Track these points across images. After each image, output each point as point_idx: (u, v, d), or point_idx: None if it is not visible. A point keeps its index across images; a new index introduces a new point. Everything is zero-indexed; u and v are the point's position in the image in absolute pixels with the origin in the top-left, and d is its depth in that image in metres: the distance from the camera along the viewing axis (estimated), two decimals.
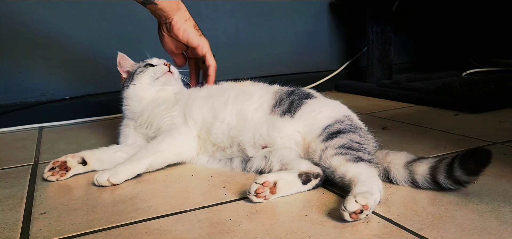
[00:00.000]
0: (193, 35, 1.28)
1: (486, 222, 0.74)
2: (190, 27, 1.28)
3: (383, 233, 0.72)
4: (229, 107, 1.11)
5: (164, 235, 0.75)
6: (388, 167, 0.93)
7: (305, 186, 0.92)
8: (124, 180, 1.02)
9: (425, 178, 0.88)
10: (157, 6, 1.24)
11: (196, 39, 1.29)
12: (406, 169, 0.91)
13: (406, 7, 2.47)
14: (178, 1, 1.27)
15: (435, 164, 0.88)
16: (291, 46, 2.39)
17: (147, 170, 1.06)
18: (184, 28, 1.27)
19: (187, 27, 1.27)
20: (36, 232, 0.79)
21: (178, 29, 1.27)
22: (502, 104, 1.69)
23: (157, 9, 1.24)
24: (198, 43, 1.29)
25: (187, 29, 1.27)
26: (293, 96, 1.10)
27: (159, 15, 1.27)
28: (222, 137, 1.09)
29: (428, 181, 0.88)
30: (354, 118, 1.07)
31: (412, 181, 0.90)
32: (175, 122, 1.15)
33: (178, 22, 1.26)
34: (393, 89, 2.04)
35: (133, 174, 1.03)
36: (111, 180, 0.99)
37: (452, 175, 0.85)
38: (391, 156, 0.95)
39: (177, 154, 1.11)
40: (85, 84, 1.94)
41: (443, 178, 0.86)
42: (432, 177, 0.87)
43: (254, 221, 0.79)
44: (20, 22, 1.81)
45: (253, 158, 1.05)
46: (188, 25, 1.28)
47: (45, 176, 1.06)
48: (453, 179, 0.85)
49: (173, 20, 1.26)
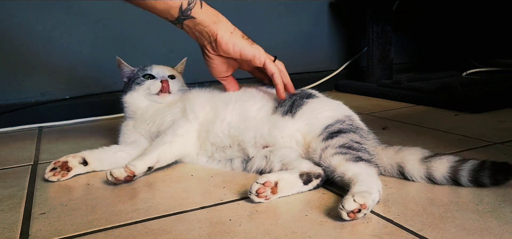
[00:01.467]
0: (245, 45, 1.09)
1: (487, 222, 0.74)
2: (239, 39, 1.09)
3: (383, 233, 0.72)
4: (231, 107, 1.11)
5: (164, 235, 0.75)
6: (402, 163, 0.94)
7: (306, 186, 0.91)
8: (139, 173, 1.02)
9: (445, 176, 0.90)
10: (196, 20, 1.07)
11: (250, 49, 1.09)
12: (423, 164, 0.92)
13: (406, 7, 2.47)
14: (217, 12, 1.11)
15: (457, 165, 0.89)
16: (291, 46, 2.39)
17: (156, 163, 1.06)
18: (233, 41, 1.09)
19: (235, 39, 1.09)
20: (36, 232, 0.79)
21: (226, 44, 1.08)
22: (503, 104, 1.69)
23: (196, 25, 1.08)
24: (254, 54, 1.09)
25: (236, 41, 1.09)
26: (295, 96, 1.10)
27: (201, 32, 1.09)
28: (222, 136, 1.09)
29: (447, 179, 0.90)
30: (355, 118, 1.07)
31: (429, 177, 0.91)
32: (176, 118, 1.15)
33: (225, 36, 1.08)
34: (393, 89, 2.04)
35: (145, 167, 1.03)
36: (130, 168, 1.00)
37: (477, 180, 0.88)
38: (404, 151, 0.95)
39: (181, 144, 1.11)
40: (85, 84, 1.94)
41: (466, 180, 0.88)
42: (453, 176, 0.89)
43: (254, 221, 0.79)
44: (20, 22, 1.81)
45: (254, 157, 1.05)
46: (235, 36, 1.09)
47: (47, 176, 1.06)
48: (476, 182, 0.88)
49: (218, 36, 1.08)
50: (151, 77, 1.24)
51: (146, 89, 1.22)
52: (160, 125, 1.17)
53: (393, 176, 0.96)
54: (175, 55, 1.98)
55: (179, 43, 2.03)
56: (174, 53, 2.01)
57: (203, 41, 1.11)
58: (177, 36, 2.05)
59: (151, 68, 1.25)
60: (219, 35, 1.08)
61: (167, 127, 1.15)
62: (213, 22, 1.08)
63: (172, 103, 1.21)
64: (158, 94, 1.21)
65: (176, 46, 2.02)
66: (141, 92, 1.23)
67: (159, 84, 1.21)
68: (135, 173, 1.01)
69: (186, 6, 1.06)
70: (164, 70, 1.26)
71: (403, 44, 2.64)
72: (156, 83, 1.22)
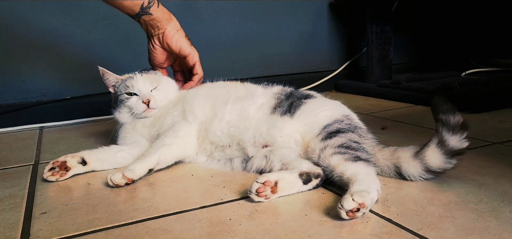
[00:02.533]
0: (185, 44, 1.31)
1: (486, 222, 0.74)
2: (182, 37, 1.31)
3: (382, 232, 0.73)
4: (230, 106, 1.12)
5: (164, 234, 0.76)
6: (398, 163, 0.94)
7: (306, 186, 0.92)
8: (138, 177, 1.02)
9: (439, 158, 0.89)
10: (152, 15, 1.27)
11: (188, 48, 1.32)
12: (416, 159, 0.92)
13: (405, 7, 2.47)
14: (169, 12, 1.31)
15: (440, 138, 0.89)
16: (291, 46, 2.39)
17: (156, 165, 1.06)
18: (177, 37, 1.30)
19: (179, 36, 1.30)
20: (37, 232, 0.79)
21: (171, 38, 1.29)
22: (502, 104, 1.69)
23: (151, 19, 1.27)
24: (190, 52, 1.32)
25: (179, 38, 1.30)
26: (293, 97, 1.11)
27: (152, 26, 1.29)
28: (220, 135, 1.09)
29: (443, 160, 0.89)
30: (353, 118, 1.07)
31: (426, 169, 0.91)
32: (176, 120, 1.15)
33: (171, 31, 1.30)
34: (392, 90, 2.04)
35: (146, 170, 1.03)
36: (127, 174, 0.99)
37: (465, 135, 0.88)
38: (399, 151, 0.95)
39: (182, 146, 1.11)
40: (85, 84, 1.94)
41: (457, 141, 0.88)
42: (444, 149, 0.88)
43: (254, 221, 0.79)
44: (21, 22, 1.81)
45: (254, 157, 1.05)
46: (180, 35, 1.31)
47: (45, 176, 1.06)
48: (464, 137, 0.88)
49: (166, 30, 1.29)
50: (135, 94, 1.19)
51: (130, 111, 1.20)
52: (159, 128, 1.17)
53: (390, 176, 0.96)
54: None
55: None
56: None
57: (152, 33, 1.31)
58: None
59: (133, 85, 1.19)
60: (167, 30, 1.30)
61: (167, 128, 1.14)
62: (165, 20, 1.29)
63: (170, 106, 1.21)
64: (144, 112, 1.19)
65: None
66: (126, 111, 1.21)
67: (142, 106, 1.18)
68: (133, 179, 1.01)
69: (146, 5, 1.26)
70: (145, 84, 1.20)
71: (402, 45, 2.65)
72: (138, 104, 1.18)
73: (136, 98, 1.19)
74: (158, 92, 1.21)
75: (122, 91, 1.21)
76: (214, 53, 2.15)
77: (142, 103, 1.18)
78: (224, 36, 2.21)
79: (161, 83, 1.23)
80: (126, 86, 1.20)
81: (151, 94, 1.19)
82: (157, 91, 1.21)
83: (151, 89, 1.20)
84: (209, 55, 2.19)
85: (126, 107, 1.20)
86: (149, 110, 1.19)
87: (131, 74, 1.24)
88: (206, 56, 2.24)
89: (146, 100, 1.18)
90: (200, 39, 2.15)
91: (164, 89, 1.23)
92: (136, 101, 1.19)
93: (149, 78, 1.22)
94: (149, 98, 1.18)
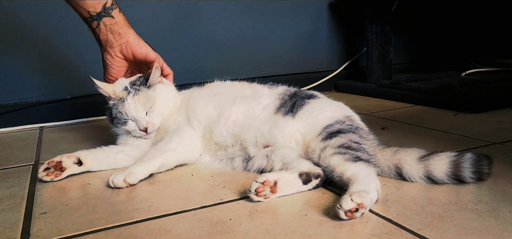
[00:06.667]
0: (149, 48, 1.24)
1: (486, 222, 0.74)
2: (144, 43, 1.24)
3: (382, 232, 0.73)
4: (236, 105, 1.11)
5: (164, 234, 0.76)
6: (400, 164, 0.94)
7: (306, 186, 0.92)
8: (139, 180, 1.01)
9: (446, 172, 0.89)
10: (114, 19, 1.18)
11: (152, 52, 1.25)
12: (421, 163, 0.91)
13: (405, 7, 2.47)
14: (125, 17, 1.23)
15: (457, 159, 0.89)
16: (291, 46, 2.39)
17: (158, 169, 1.06)
18: (141, 45, 1.23)
19: (142, 43, 1.23)
20: (37, 232, 0.79)
21: (136, 45, 1.21)
22: (502, 104, 1.69)
23: (113, 24, 1.18)
24: (156, 56, 1.25)
25: (143, 45, 1.23)
26: (296, 97, 1.11)
27: (114, 32, 1.19)
28: (225, 135, 1.09)
29: (448, 176, 0.89)
30: (355, 119, 1.07)
31: (428, 176, 0.91)
32: (181, 125, 1.14)
33: (135, 39, 1.22)
34: (392, 90, 2.04)
35: (147, 174, 1.03)
36: (128, 180, 0.98)
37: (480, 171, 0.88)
38: (401, 152, 0.95)
39: (186, 152, 1.10)
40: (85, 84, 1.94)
41: (470, 172, 0.88)
42: (455, 171, 0.89)
43: (254, 221, 0.79)
44: (21, 22, 1.81)
45: (255, 157, 1.05)
46: (142, 41, 1.24)
47: (40, 176, 1.05)
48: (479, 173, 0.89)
49: (129, 38, 1.21)
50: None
51: (129, 133, 1.16)
52: (164, 134, 1.15)
53: (390, 177, 0.96)
54: (176, 56, 1.99)
55: (180, 46, 2.04)
56: (176, 53, 2.01)
57: (112, 43, 1.21)
58: (176, 38, 2.06)
59: (126, 112, 1.13)
60: (131, 37, 1.22)
61: (171, 131, 1.14)
62: (127, 26, 1.22)
63: (173, 112, 1.18)
64: (143, 136, 1.15)
65: (177, 48, 2.03)
66: (124, 130, 1.17)
67: (140, 132, 1.14)
68: (135, 184, 1.00)
69: (109, 5, 1.19)
70: (139, 111, 1.13)
71: (402, 45, 2.65)
72: (136, 130, 1.14)
73: (133, 124, 1.14)
74: (154, 114, 1.15)
75: (117, 115, 1.14)
76: (214, 53, 2.15)
77: (140, 130, 1.14)
78: (225, 36, 2.21)
79: (155, 103, 1.14)
80: (120, 112, 1.13)
81: (148, 121, 1.13)
82: (153, 113, 1.14)
83: (146, 112, 1.14)
84: (209, 56, 2.19)
85: (124, 130, 1.16)
86: (148, 135, 1.15)
87: (121, 92, 1.15)
88: (206, 57, 2.26)
89: (143, 129, 1.13)
90: (200, 39, 2.16)
91: (160, 108, 1.16)
92: (134, 127, 1.14)
93: (140, 100, 1.13)
94: (146, 127, 1.13)
